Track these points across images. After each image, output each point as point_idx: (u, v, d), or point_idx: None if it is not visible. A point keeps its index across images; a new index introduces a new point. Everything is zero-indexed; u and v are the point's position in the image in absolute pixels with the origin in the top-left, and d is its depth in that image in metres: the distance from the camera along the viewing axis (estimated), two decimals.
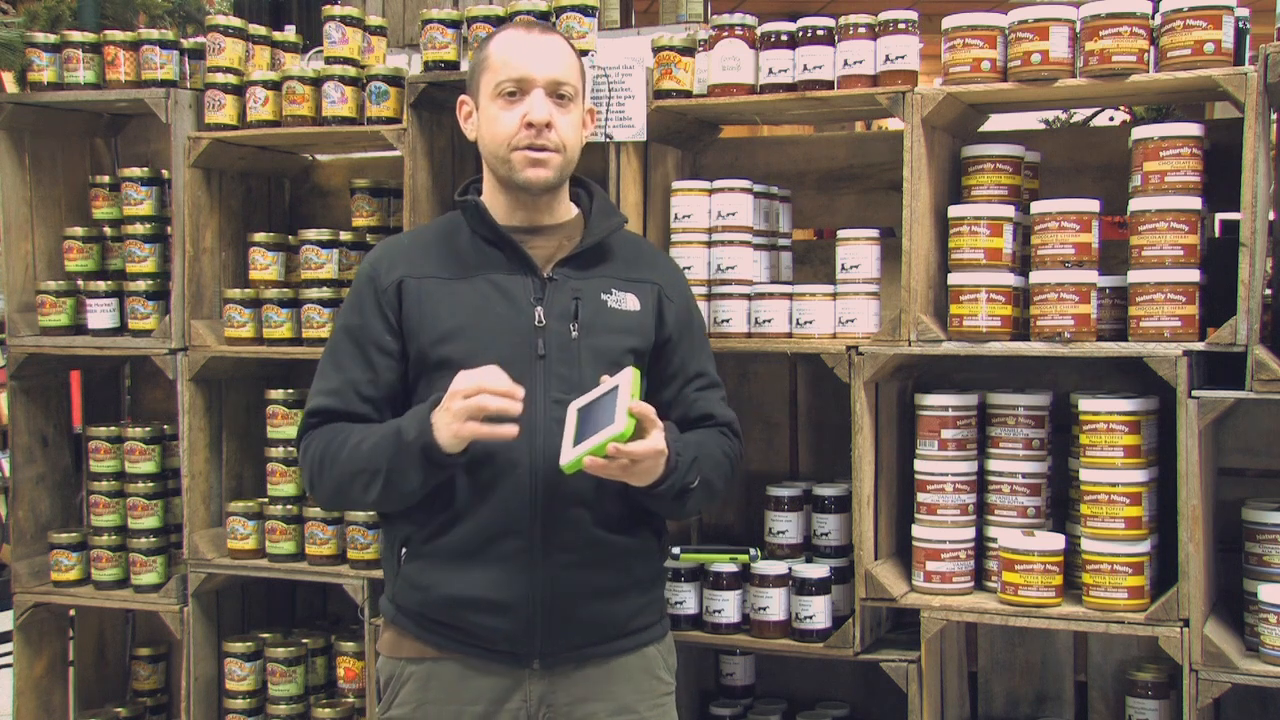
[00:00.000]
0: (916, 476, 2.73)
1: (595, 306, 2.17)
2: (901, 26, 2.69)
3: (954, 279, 2.63)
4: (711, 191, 2.87)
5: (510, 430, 1.98)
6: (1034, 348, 2.55)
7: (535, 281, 2.16)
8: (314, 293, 3.13)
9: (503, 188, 2.20)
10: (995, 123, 3.05)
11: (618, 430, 1.92)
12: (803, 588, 2.76)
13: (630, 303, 2.21)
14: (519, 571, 2.09)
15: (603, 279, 2.21)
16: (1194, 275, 2.46)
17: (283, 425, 3.23)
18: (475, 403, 1.95)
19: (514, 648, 2.12)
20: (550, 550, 2.10)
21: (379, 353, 2.15)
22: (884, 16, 2.70)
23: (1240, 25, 2.49)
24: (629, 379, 1.98)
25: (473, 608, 2.11)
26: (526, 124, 2.12)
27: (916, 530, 2.71)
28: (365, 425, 2.12)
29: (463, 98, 2.26)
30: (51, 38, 3.34)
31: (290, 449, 3.22)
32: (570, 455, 1.97)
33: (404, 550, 2.16)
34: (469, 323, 2.13)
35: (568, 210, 2.26)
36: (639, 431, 1.96)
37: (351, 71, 3.11)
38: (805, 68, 2.75)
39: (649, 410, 1.98)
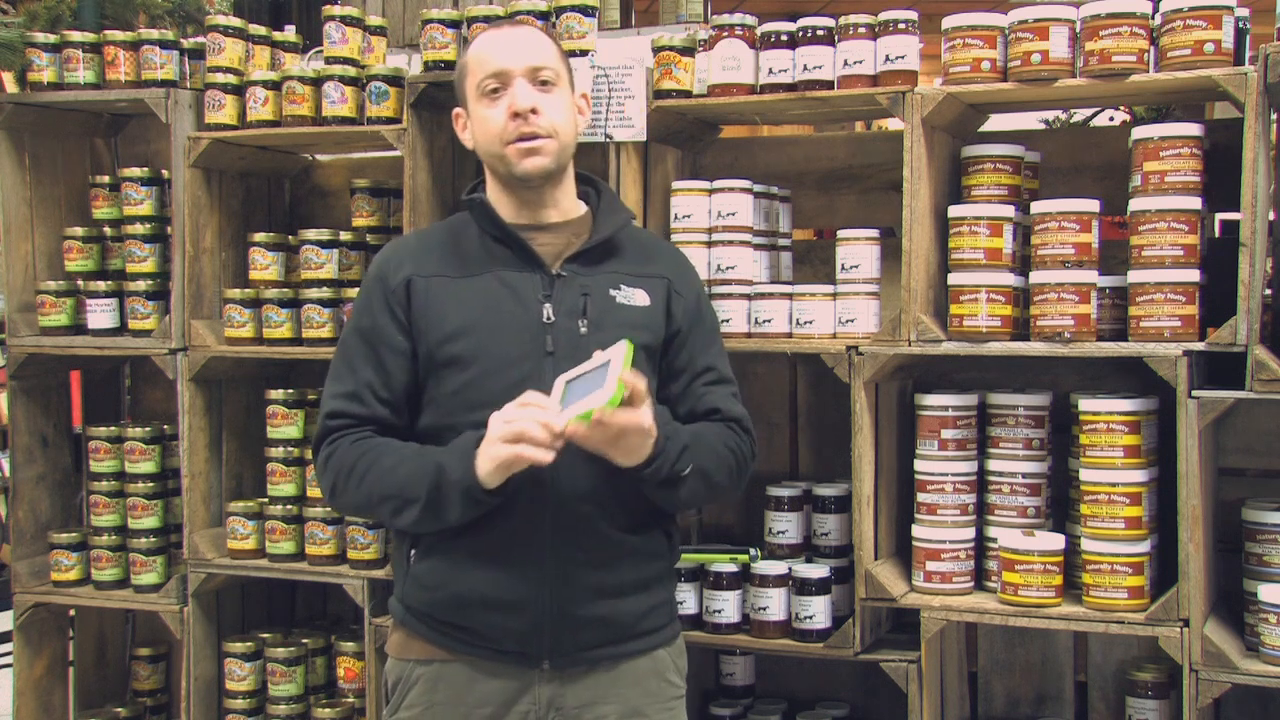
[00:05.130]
0: (916, 476, 2.73)
1: (604, 303, 2.15)
2: (901, 26, 2.69)
3: (954, 279, 2.63)
4: (711, 191, 2.87)
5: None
6: (1034, 348, 2.55)
7: (543, 278, 2.15)
8: (314, 293, 3.13)
9: (506, 187, 2.19)
10: (995, 123, 3.04)
11: (606, 396, 1.87)
12: (803, 588, 2.76)
13: (639, 298, 2.19)
14: (529, 570, 2.08)
15: (611, 275, 2.19)
16: (1194, 275, 2.46)
17: (283, 425, 3.23)
18: (514, 452, 1.93)
19: (523, 648, 2.10)
20: (561, 548, 2.08)
21: (391, 353, 2.14)
22: (884, 16, 2.70)
23: (1240, 25, 2.49)
24: (622, 351, 1.93)
25: (483, 607, 2.09)
26: (512, 114, 2.11)
27: (916, 530, 2.71)
28: (394, 445, 2.10)
29: (456, 110, 2.25)
30: (51, 38, 3.34)
31: (291, 449, 3.22)
32: None
33: (413, 551, 2.15)
34: (476, 320, 2.11)
35: (575, 207, 2.25)
36: (627, 403, 1.92)
37: (351, 71, 3.11)
38: (805, 68, 2.75)
39: (640, 383, 1.94)
